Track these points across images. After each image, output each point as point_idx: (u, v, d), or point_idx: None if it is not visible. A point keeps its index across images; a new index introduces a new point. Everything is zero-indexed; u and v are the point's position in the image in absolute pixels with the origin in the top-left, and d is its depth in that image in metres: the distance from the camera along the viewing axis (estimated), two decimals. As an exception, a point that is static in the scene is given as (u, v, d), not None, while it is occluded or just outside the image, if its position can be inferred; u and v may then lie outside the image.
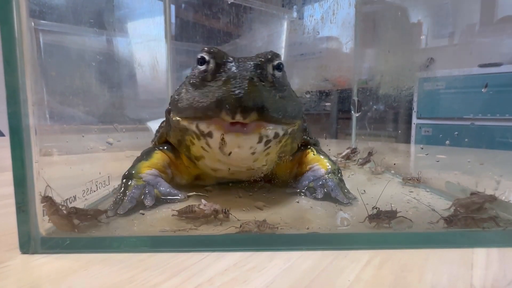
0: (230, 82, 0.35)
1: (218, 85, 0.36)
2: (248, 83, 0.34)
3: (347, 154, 0.78)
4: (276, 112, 0.37)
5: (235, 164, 0.43)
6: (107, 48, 0.62)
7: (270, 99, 0.37)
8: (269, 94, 0.38)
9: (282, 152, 0.45)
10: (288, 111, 0.40)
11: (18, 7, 0.27)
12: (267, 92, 0.38)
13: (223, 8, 0.66)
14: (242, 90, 0.34)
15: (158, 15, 0.84)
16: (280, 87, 0.41)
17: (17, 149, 0.28)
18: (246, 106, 0.34)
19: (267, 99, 0.36)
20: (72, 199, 0.36)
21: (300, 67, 0.96)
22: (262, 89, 0.36)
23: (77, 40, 0.54)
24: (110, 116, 0.59)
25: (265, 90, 0.37)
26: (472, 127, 0.49)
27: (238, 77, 0.35)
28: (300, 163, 0.52)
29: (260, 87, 0.36)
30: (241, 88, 0.34)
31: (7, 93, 0.27)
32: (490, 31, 0.62)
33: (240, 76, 0.35)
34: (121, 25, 0.72)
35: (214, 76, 0.39)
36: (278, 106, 0.38)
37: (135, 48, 0.75)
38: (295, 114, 0.42)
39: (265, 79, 0.39)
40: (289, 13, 0.90)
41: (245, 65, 0.38)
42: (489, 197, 0.37)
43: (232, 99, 0.34)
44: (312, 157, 0.51)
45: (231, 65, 0.38)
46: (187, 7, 0.90)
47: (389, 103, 0.74)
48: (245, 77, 0.35)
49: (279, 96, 0.40)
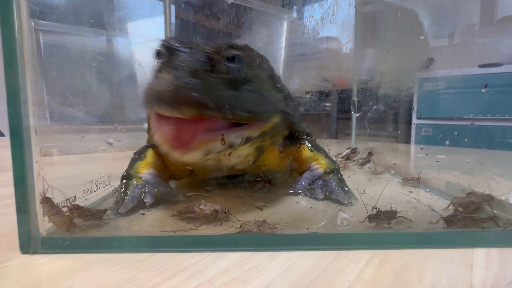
0: (169, 72, 0.32)
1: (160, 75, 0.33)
2: (187, 73, 0.31)
3: (347, 154, 0.78)
4: (220, 106, 0.33)
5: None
6: (107, 48, 0.62)
7: (215, 91, 0.33)
8: (216, 86, 0.34)
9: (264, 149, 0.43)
10: (243, 107, 0.36)
11: (18, 7, 0.27)
12: (213, 84, 0.34)
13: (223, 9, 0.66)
14: (177, 81, 0.31)
15: (158, 15, 0.84)
16: (241, 80, 0.37)
17: (17, 149, 0.28)
18: (181, 97, 0.30)
19: (210, 91, 0.32)
20: (72, 199, 0.36)
21: (300, 67, 0.96)
22: (206, 80, 0.33)
23: (77, 40, 0.54)
24: (110, 116, 0.59)
25: (210, 81, 0.33)
26: (472, 127, 0.49)
27: (178, 67, 0.32)
28: (295, 158, 0.50)
29: (204, 78, 0.33)
30: (178, 78, 0.31)
31: (8, 93, 0.27)
32: (490, 31, 0.62)
33: (179, 66, 0.32)
34: (121, 25, 0.72)
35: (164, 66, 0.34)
36: (227, 99, 0.34)
37: (135, 48, 0.75)
38: (257, 111, 0.38)
39: (215, 69, 0.35)
40: (289, 14, 0.90)
41: (193, 54, 0.34)
42: (487, 197, 0.37)
43: (164, 91, 0.30)
44: (309, 155, 0.49)
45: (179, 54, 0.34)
46: (187, 8, 0.90)
47: (389, 103, 0.74)
48: (186, 66, 0.32)
49: (233, 89, 0.35)
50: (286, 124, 0.46)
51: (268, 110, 0.40)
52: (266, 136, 0.41)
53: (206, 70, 0.34)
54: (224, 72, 0.36)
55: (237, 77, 0.37)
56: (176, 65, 0.32)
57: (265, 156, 0.46)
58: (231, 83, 0.36)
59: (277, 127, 0.43)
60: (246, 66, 0.38)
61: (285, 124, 0.46)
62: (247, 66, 0.38)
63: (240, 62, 0.37)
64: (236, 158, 0.41)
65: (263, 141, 0.42)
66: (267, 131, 0.41)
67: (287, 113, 0.45)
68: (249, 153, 0.42)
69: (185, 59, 0.33)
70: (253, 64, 0.40)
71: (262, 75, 0.42)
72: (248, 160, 0.43)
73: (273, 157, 0.47)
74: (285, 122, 0.46)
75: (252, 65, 0.40)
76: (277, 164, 0.49)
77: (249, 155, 0.42)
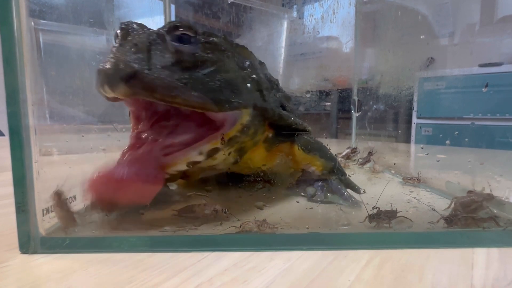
0: (113, 50, 0.30)
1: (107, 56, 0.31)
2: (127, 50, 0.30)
3: (347, 153, 0.78)
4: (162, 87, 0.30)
5: None
6: (107, 47, 0.62)
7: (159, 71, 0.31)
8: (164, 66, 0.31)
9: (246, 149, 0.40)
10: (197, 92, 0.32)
11: (17, 6, 0.27)
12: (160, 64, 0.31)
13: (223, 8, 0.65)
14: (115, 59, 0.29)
15: (158, 15, 0.84)
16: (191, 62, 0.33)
17: (16, 149, 0.28)
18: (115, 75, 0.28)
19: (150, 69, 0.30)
20: (72, 199, 0.36)
21: (300, 66, 0.96)
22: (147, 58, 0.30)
23: (77, 40, 0.54)
24: (110, 116, 0.58)
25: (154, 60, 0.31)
26: (472, 127, 0.49)
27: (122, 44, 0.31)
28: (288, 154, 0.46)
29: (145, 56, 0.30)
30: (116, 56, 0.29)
31: (7, 92, 0.27)
32: (490, 31, 0.62)
33: (124, 44, 0.31)
34: (121, 24, 0.71)
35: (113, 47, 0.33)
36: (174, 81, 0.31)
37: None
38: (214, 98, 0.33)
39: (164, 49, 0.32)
40: (289, 13, 0.90)
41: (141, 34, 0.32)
42: (487, 196, 0.37)
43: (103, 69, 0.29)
44: (302, 155, 0.45)
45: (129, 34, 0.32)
46: (187, 7, 0.90)
47: (389, 102, 0.74)
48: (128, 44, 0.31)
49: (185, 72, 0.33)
50: (263, 120, 0.41)
51: (229, 100, 0.35)
52: (239, 139, 0.38)
53: (149, 48, 0.31)
54: (172, 52, 0.33)
55: (187, 58, 0.33)
56: (123, 44, 0.31)
57: (251, 153, 0.42)
58: (179, 63, 0.33)
59: (251, 128, 0.38)
60: (202, 49, 0.34)
61: (262, 121, 0.41)
62: (204, 49, 0.35)
63: (191, 43, 0.34)
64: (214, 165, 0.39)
65: (242, 143, 0.39)
66: (237, 136, 0.37)
67: (265, 110, 0.40)
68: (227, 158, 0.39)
69: (133, 38, 0.32)
70: (214, 50, 0.36)
71: (228, 63, 0.37)
72: (231, 160, 0.40)
73: (261, 154, 0.44)
74: (264, 120, 0.41)
75: (212, 50, 0.36)
76: (268, 160, 0.45)
77: (228, 159, 0.39)
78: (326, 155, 0.46)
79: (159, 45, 0.32)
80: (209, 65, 0.35)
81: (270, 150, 0.44)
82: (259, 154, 0.43)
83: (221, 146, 0.36)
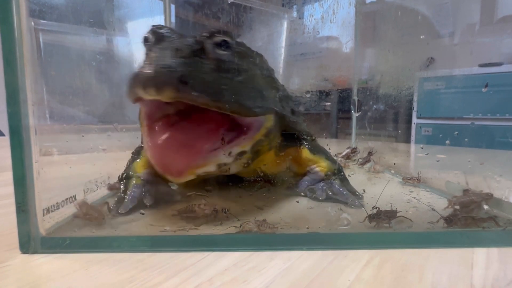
0: (154, 53, 0.31)
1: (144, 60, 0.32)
2: (171, 54, 0.30)
3: (347, 153, 0.78)
4: (206, 92, 0.31)
5: None
6: (107, 47, 0.62)
7: (201, 76, 0.32)
8: (203, 71, 0.32)
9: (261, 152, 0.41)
10: (232, 98, 0.33)
11: (18, 6, 0.27)
12: (199, 68, 0.32)
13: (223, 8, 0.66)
14: (160, 61, 0.30)
15: (158, 15, 0.84)
16: (227, 69, 0.35)
17: (17, 148, 0.28)
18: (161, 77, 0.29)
19: (195, 74, 0.31)
20: (72, 198, 0.36)
21: (300, 66, 0.96)
22: (191, 63, 0.31)
23: (77, 40, 0.54)
24: (110, 116, 0.58)
25: (195, 65, 0.32)
26: (472, 127, 0.49)
27: (165, 48, 0.31)
28: (295, 159, 0.48)
29: (188, 60, 0.31)
30: (162, 59, 0.30)
31: (7, 92, 0.27)
32: (490, 31, 0.62)
33: (166, 47, 0.31)
34: (121, 24, 0.71)
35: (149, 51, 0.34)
36: (214, 87, 0.32)
37: (135, 47, 0.75)
38: (248, 105, 0.35)
39: (204, 55, 0.34)
40: (289, 13, 0.90)
41: (181, 39, 0.34)
42: (486, 195, 0.37)
43: (147, 70, 0.29)
44: (309, 157, 0.47)
45: (167, 39, 0.34)
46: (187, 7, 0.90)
47: (389, 102, 0.74)
48: (172, 48, 0.31)
49: (222, 78, 0.34)
50: (281, 126, 0.44)
51: (259, 106, 0.37)
52: (261, 144, 0.39)
53: (192, 54, 0.32)
54: (213, 58, 0.34)
55: (226, 65, 0.35)
56: (162, 49, 0.31)
57: (262, 157, 0.44)
58: (219, 69, 0.34)
59: (272, 132, 0.41)
60: (237, 56, 0.36)
61: (280, 127, 0.43)
62: (238, 56, 0.37)
63: (229, 49, 0.35)
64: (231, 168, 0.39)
65: (260, 146, 0.40)
66: (261, 139, 0.39)
67: (283, 116, 0.43)
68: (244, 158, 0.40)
69: (171, 42, 0.32)
70: (245, 57, 0.38)
71: (255, 70, 0.40)
72: (244, 163, 0.41)
73: (271, 158, 0.46)
74: (281, 125, 0.43)
75: (244, 57, 0.38)
76: (276, 165, 0.47)
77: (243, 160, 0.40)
78: (330, 158, 0.48)
79: (200, 51, 0.33)
80: (242, 72, 0.36)
81: (279, 154, 0.46)
82: (269, 157, 0.45)
83: (248, 149, 0.37)
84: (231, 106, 0.33)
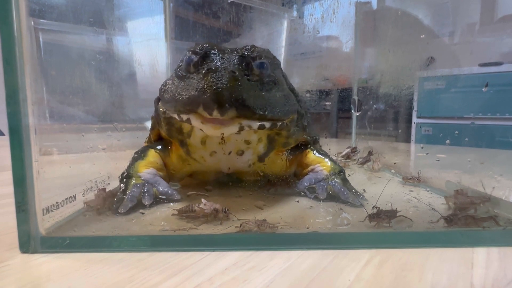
0: (210, 75, 0.33)
1: (199, 78, 0.35)
2: (229, 77, 0.33)
3: (347, 153, 0.78)
4: (258, 109, 0.35)
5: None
6: (107, 47, 0.62)
7: (253, 94, 0.35)
8: (253, 89, 0.36)
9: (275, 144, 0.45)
10: (275, 108, 0.38)
11: (17, 6, 0.27)
12: (250, 87, 0.36)
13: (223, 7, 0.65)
14: (221, 85, 0.32)
15: (158, 14, 0.84)
16: (268, 82, 0.40)
17: (16, 148, 0.28)
18: (224, 102, 0.32)
19: (248, 94, 0.34)
20: (72, 198, 0.36)
21: (300, 66, 0.96)
22: (244, 84, 0.35)
23: (77, 39, 0.54)
24: (110, 115, 0.58)
25: (247, 84, 0.36)
26: (472, 127, 0.49)
27: (219, 70, 0.33)
28: (299, 163, 0.51)
29: (242, 82, 0.34)
30: (220, 82, 0.33)
31: (7, 92, 0.27)
32: (490, 31, 0.62)
33: (221, 69, 0.33)
34: (121, 24, 0.71)
35: (196, 68, 0.38)
36: (262, 102, 0.37)
37: (135, 47, 0.75)
38: (283, 111, 0.40)
39: (250, 73, 0.38)
40: (289, 12, 0.90)
41: (229, 58, 0.37)
42: (483, 197, 0.37)
43: (210, 94, 0.32)
44: (313, 157, 0.49)
45: (214, 57, 0.37)
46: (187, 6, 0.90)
47: (389, 102, 0.74)
48: (227, 70, 0.33)
49: (266, 92, 0.39)
50: (300, 125, 0.47)
51: (291, 110, 0.43)
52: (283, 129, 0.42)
53: (243, 73, 0.36)
54: (257, 75, 0.39)
55: (267, 79, 0.40)
56: (215, 69, 0.33)
57: (270, 160, 0.47)
58: (262, 84, 0.39)
59: (293, 125, 0.45)
60: (271, 70, 0.41)
61: (299, 125, 0.47)
62: (272, 69, 0.41)
63: (268, 66, 0.40)
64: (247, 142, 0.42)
65: (278, 134, 0.43)
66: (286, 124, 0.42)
67: (302, 114, 0.48)
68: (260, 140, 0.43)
69: (224, 63, 0.36)
70: (276, 68, 0.43)
71: (281, 77, 0.44)
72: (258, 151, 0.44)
73: (278, 163, 0.49)
74: (299, 123, 0.47)
75: (275, 68, 0.43)
76: (282, 170, 0.50)
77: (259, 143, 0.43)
78: (332, 159, 0.50)
79: (248, 71, 0.38)
80: (276, 83, 0.41)
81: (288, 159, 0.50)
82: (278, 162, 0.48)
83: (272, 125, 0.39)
84: (276, 115, 0.38)
